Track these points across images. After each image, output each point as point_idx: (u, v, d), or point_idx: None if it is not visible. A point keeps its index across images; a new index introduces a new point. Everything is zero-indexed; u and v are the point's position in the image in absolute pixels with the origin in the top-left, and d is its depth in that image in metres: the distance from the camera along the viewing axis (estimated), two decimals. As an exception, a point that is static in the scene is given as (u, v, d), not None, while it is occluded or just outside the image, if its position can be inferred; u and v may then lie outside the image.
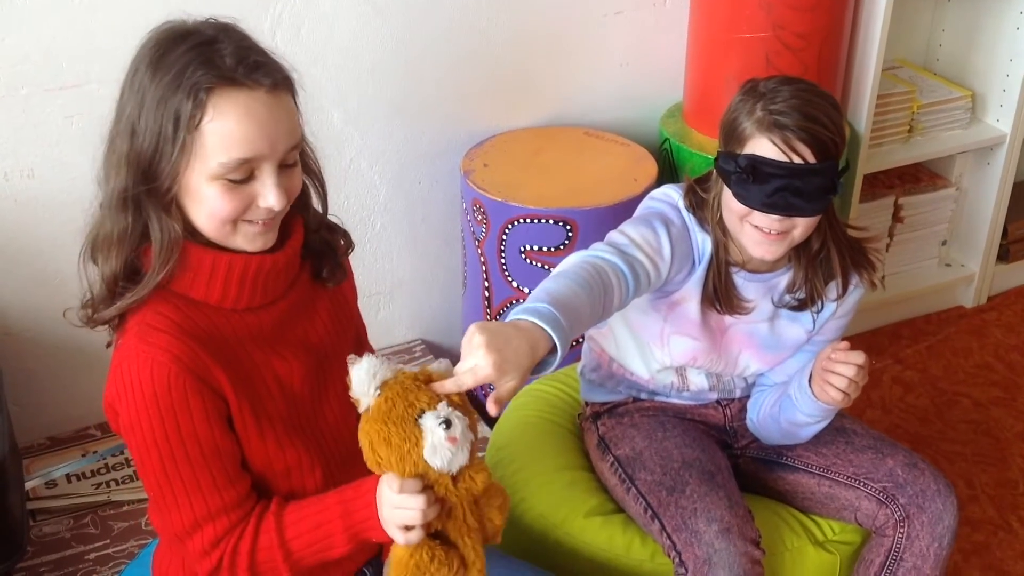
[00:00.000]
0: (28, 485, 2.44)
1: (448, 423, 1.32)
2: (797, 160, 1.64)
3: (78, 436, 2.62)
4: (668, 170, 2.75)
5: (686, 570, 1.70)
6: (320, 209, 1.54)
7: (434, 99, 2.71)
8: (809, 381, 1.78)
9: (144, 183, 1.33)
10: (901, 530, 1.82)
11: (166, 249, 1.34)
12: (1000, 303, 3.34)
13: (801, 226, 1.70)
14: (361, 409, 1.36)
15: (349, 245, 1.58)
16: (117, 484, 2.48)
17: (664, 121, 2.85)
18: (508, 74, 2.77)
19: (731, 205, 1.71)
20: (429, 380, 1.37)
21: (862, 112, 2.81)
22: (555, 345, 1.41)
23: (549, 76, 2.82)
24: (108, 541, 2.36)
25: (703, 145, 2.66)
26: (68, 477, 2.50)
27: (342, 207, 2.72)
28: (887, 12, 2.70)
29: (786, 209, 1.66)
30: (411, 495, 1.33)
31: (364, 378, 1.34)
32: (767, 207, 1.66)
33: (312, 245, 1.52)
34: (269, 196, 1.35)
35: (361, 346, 1.68)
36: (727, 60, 2.66)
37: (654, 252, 1.70)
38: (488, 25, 2.69)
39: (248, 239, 1.39)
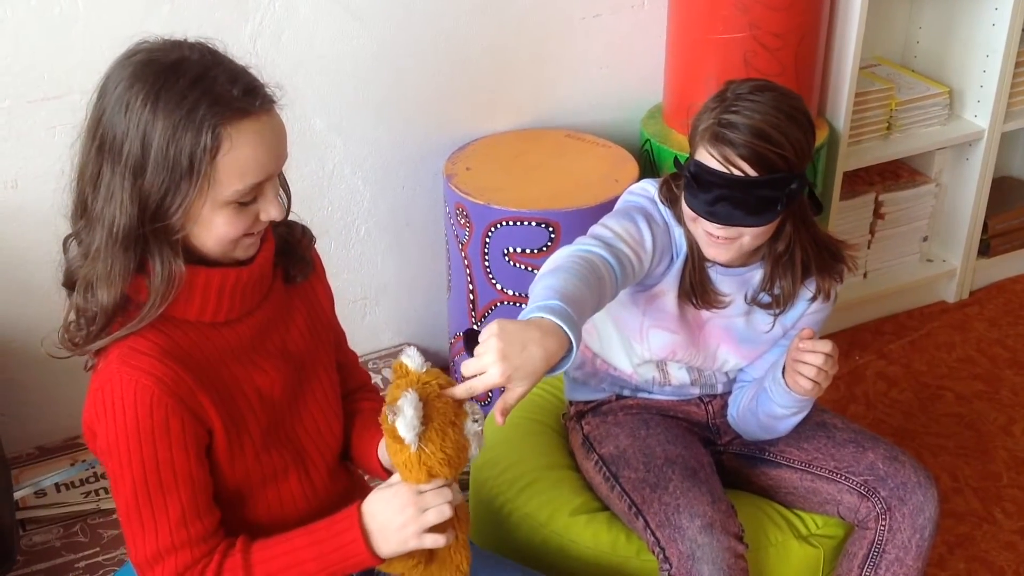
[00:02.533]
0: (17, 495, 2.45)
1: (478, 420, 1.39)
2: (737, 173, 1.65)
3: (67, 445, 2.62)
4: (649, 171, 2.77)
5: (670, 566, 1.71)
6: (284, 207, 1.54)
7: (416, 104, 2.72)
8: (783, 373, 1.80)
9: (153, 222, 1.32)
10: (883, 522, 1.83)
11: (166, 283, 1.34)
12: (982, 297, 3.37)
13: (749, 234, 1.71)
14: (413, 450, 1.35)
15: (310, 238, 1.58)
16: (106, 492, 2.48)
17: (645, 122, 2.87)
18: (489, 78, 2.78)
19: (684, 207, 1.74)
20: (440, 385, 1.39)
21: (840, 110, 2.84)
22: (570, 344, 1.43)
23: (530, 80, 2.84)
24: (98, 549, 2.37)
25: (683, 146, 2.67)
26: (57, 486, 2.51)
27: (326, 213, 2.73)
28: (863, 10, 2.72)
29: (727, 219, 1.68)
30: (437, 492, 1.38)
31: (414, 423, 1.34)
32: (709, 215, 1.69)
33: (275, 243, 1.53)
34: (271, 210, 1.39)
35: (340, 352, 1.69)
36: (705, 61, 2.67)
37: (637, 244, 1.72)
38: (468, 30, 2.70)
39: (245, 249, 1.41)
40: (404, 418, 1.33)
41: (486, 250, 2.55)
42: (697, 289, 1.80)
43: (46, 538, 2.39)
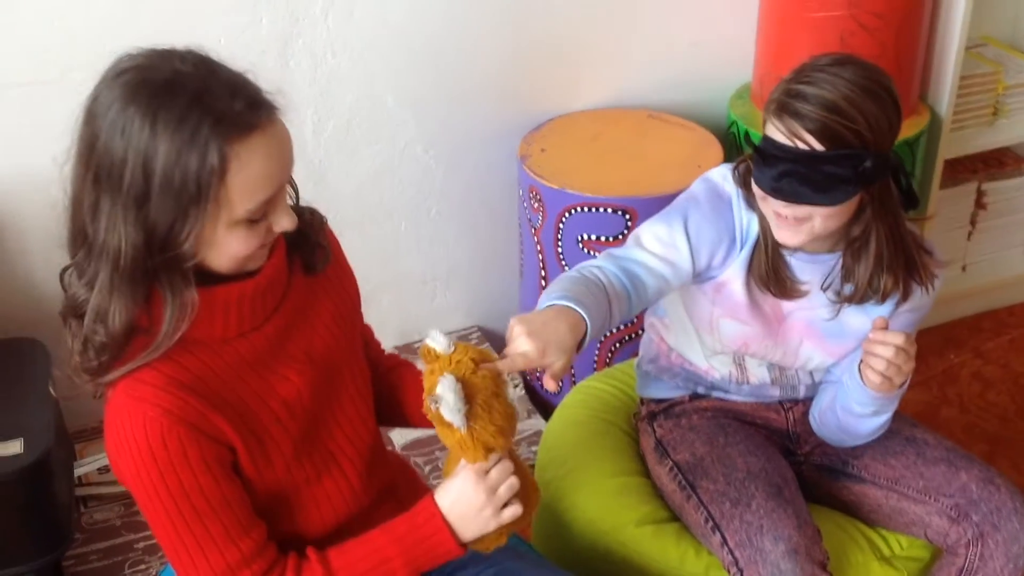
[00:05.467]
0: (79, 471, 2.44)
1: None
2: (803, 146, 1.56)
3: (130, 421, 2.60)
4: (734, 155, 2.65)
5: (745, 587, 1.62)
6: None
7: (491, 81, 2.64)
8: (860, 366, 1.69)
9: (162, 252, 1.26)
10: (974, 550, 1.72)
11: (178, 313, 1.28)
12: (1089, 294, 3.20)
13: (820, 216, 1.61)
14: (463, 431, 1.36)
15: (319, 219, 1.49)
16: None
17: (732, 103, 2.75)
18: (569, 54, 2.69)
19: (754, 187, 1.65)
20: (473, 360, 1.38)
21: (943, 94, 2.70)
22: (586, 324, 1.48)
23: (612, 55, 2.73)
24: (157, 531, 2.34)
25: (772, 129, 2.55)
26: (119, 464, 2.49)
27: (397, 191, 2.67)
28: (972, -13, 2.57)
29: (792, 196, 1.58)
30: (500, 467, 1.39)
31: (458, 405, 1.34)
32: (773, 192, 1.60)
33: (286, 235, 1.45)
34: (283, 221, 1.33)
35: (368, 346, 1.64)
36: (799, 40, 2.54)
37: (665, 249, 1.68)
38: (548, 2, 2.61)
39: (258, 260, 1.35)
40: (446, 404, 1.33)
41: (559, 236, 2.46)
42: (770, 276, 1.70)
43: (106, 516, 2.38)
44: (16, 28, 2.24)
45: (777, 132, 1.58)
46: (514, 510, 1.40)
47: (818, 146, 1.55)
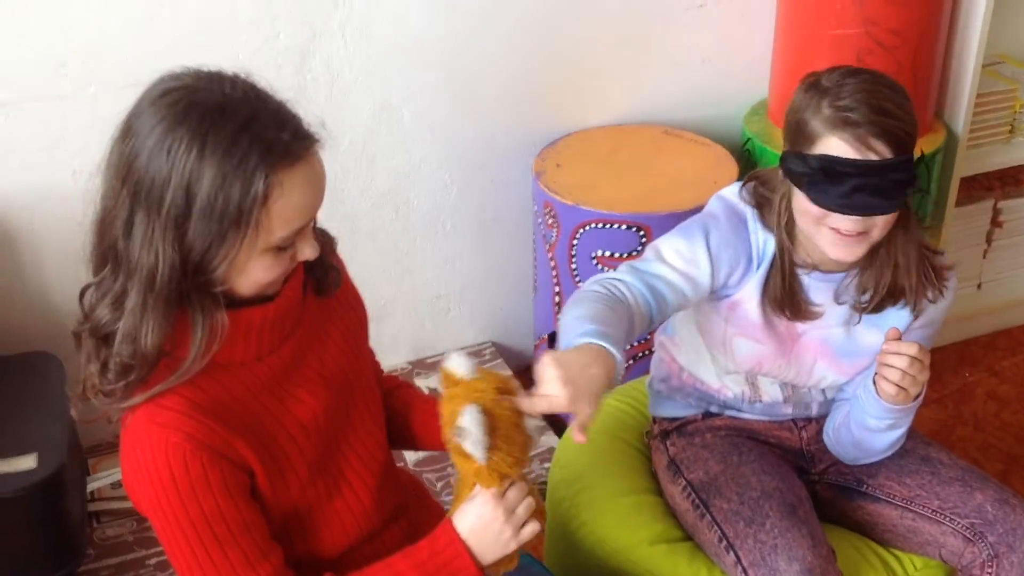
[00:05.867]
0: (93, 486, 2.44)
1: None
2: (873, 157, 1.55)
3: (144, 435, 2.60)
4: (749, 172, 2.64)
5: (758, 608, 1.61)
6: None
7: (507, 96, 2.64)
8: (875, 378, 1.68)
9: (196, 275, 1.26)
10: (989, 570, 1.71)
11: (208, 336, 1.28)
12: (1106, 313, 3.17)
13: (880, 224, 1.61)
14: (483, 463, 1.35)
15: (331, 242, 1.49)
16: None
17: (747, 120, 2.74)
18: (585, 70, 2.69)
19: (805, 208, 1.62)
20: (497, 389, 1.37)
21: (960, 112, 2.68)
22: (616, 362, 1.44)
23: (628, 72, 2.73)
24: (170, 546, 2.34)
25: (787, 146, 2.55)
26: (133, 478, 2.49)
27: (411, 207, 2.67)
28: (988, 5, 2.56)
29: (865, 209, 1.57)
30: (516, 488, 1.39)
31: (481, 439, 1.33)
32: (845, 208, 1.57)
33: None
34: (307, 250, 1.33)
35: (375, 368, 1.63)
36: (816, 57, 2.53)
37: (686, 264, 1.66)
38: (564, 19, 2.61)
39: (277, 285, 1.35)
40: (471, 438, 1.32)
41: (573, 252, 2.46)
42: (786, 299, 1.69)
43: (119, 532, 2.38)
44: (31, 43, 2.25)
45: (843, 147, 1.55)
46: (533, 528, 1.40)
47: (886, 153, 1.55)
